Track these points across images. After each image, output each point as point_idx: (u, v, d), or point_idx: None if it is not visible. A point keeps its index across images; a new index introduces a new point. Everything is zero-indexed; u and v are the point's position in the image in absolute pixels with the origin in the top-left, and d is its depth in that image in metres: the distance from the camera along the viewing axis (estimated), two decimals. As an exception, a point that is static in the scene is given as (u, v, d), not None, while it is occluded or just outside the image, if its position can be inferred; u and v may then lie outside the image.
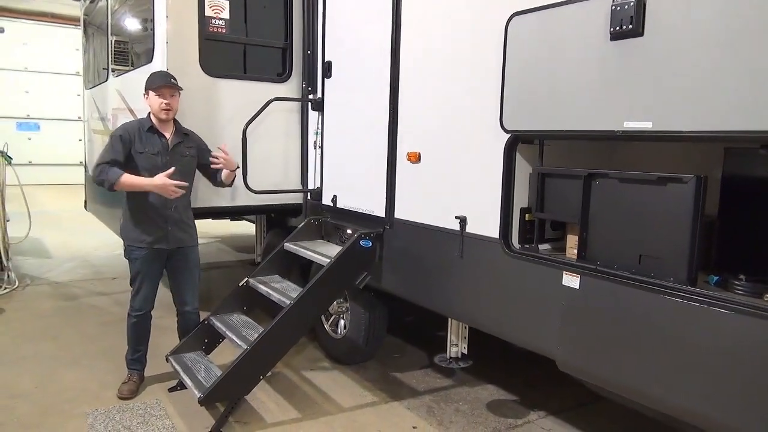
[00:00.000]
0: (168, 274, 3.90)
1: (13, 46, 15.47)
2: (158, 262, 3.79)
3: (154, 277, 3.82)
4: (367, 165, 4.03)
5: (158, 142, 3.70)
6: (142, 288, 3.78)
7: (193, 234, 3.93)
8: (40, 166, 15.16)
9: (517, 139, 2.93)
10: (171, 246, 3.77)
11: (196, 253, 3.97)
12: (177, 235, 3.78)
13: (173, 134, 3.77)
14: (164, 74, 3.81)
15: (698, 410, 2.25)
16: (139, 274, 3.76)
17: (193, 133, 3.93)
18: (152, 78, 3.75)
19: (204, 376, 3.59)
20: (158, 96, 3.66)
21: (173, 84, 3.72)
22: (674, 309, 2.28)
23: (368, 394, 3.98)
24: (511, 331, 3.07)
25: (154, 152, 3.67)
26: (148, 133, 3.68)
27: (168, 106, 3.68)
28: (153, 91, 3.67)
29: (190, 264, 3.90)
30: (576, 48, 2.57)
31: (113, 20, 5.90)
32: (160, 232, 3.72)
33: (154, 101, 3.67)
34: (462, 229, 3.25)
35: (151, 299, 3.85)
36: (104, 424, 3.43)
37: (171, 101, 3.70)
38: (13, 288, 6.20)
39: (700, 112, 2.15)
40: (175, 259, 3.84)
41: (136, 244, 3.72)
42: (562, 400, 3.93)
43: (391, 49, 3.73)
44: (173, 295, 3.97)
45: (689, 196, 2.27)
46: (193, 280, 3.95)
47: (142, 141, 3.66)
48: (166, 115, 3.70)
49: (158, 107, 3.66)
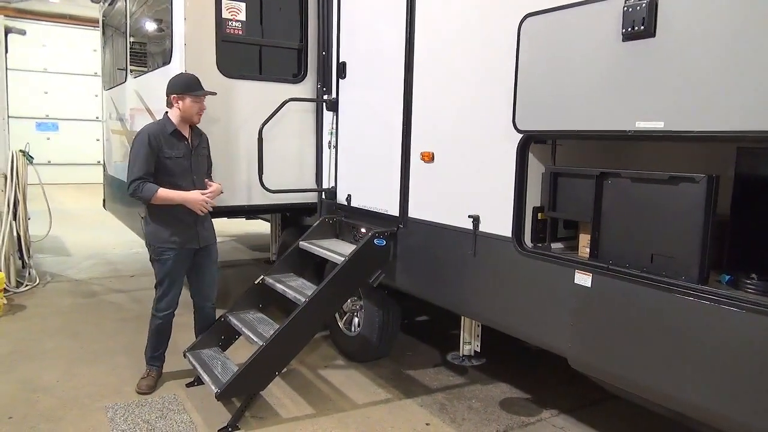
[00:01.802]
0: (189, 272, 3.95)
1: (32, 47, 15.68)
2: (188, 261, 3.85)
3: (180, 278, 3.88)
4: (381, 164, 4.07)
5: (183, 146, 3.74)
6: (171, 289, 3.83)
7: (213, 231, 4.01)
8: (59, 166, 15.36)
9: (529, 138, 2.95)
10: (201, 245, 3.84)
11: (216, 249, 4.05)
12: (203, 233, 3.85)
13: (191, 135, 3.83)
14: (198, 80, 3.81)
15: (709, 408, 2.26)
16: (168, 275, 3.79)
17: (204, 133, 3.99)
18: (187, 83, 3.74)
19: (220, 372, 3.65)
20: (196, 102, 3.72)
21: (209, 92, 3.81)
22: (686, 307, 2.29)
23: (382, 391, 4.02)
24: (524, 328, 3.10)
25: (180, 156, 3.71)
26: (172, 136, 3.71)
27: (201, 113, 3.80)
28: (190, 96, 3.69)
29: (212, 260, 3.98)
30: (588, 49, 2.58)
31: (131, 22, 5.99)
32: (190, 231, 3.77)
33: (190, 106, 3.70)
34: (475, 228, 3.28)
35: (176, 300, 3.91)
36: (123, 418, 3.51)
37: (204, 106, 3.81)
38: (34, 285, 6.32)
39: (712, 112, 2.16)
40: (200, 256, 3.90)
41: (168, 246, 3.73)
42: (575, 399, 3.94)
43: (405, 49, 3.77)
44: (193, 291, 4.03)
45: (701, 196, 2.29)
46: (214, 277, 4.02)
47: (168, 145, 3.67)
48: (198, 120, 3.80)
49: (195, 112, 3.74)
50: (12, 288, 6.02)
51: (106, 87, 7.40)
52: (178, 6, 4.36)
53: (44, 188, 6.58)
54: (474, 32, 3.27)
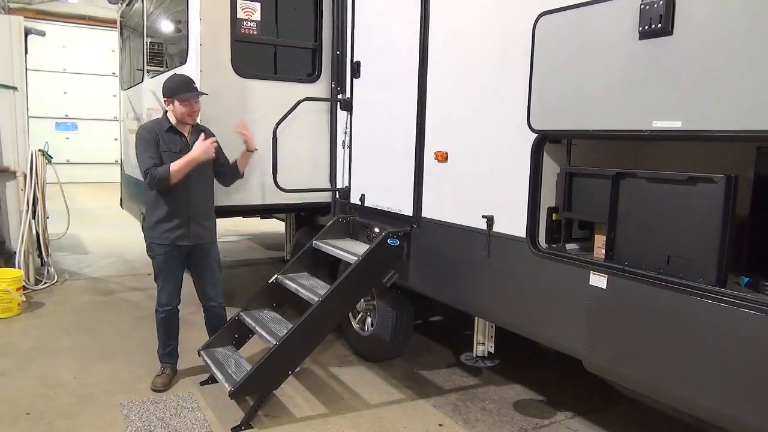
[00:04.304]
0: (190, 271, 3.98)
1: (52, 48, 15.93)
2: (179, 258, 3.87)
3: (176, 273, 3.90)
4: (394, 164, 4.07)
5: (179, 141, 3.77)
6: (166, 284, 3.87)
7: (213, 230, 3.99)
8: (78, 165, 15.58)
9: (544, 138, 2.93)
10: (192, 242, 3.84)
11: (216, 249, 4.04)
12: (197, 231, 3.84)
13: (191, 132, 3.84)
14: (188, 81, 3.78)
15: (726, 412, 2.22)
16: (162, 270, 3.85)
17: (208, 129, 3.97)
18: (176, 86, 3.73)
19: (234, 370, 3.67)
20: (185, 105, 3.71)
21: (200, 93, 3.79)
22: (703, 310, 2.26)
23: (395, 391, 4.02)
24: (538, 330, 3.07)
25: (176, 150, 3.72)
26: (168, 132, 3.75)
27: (195, 115, 3.78)
28: (179, 100, 3.69)
29: (211, 260, 3.98)
30: (604, 47, 2.56)
31: (148, 23, 6.05)
32: (181, 228, 3.78)
33: (179, 109, 3.71)
34: (489, 228, 3.26)
35: (176, 295, 3.94)
36: (138, 415, 3.54)
37: (196, 107, 3.78)
38: (53, 283, 6.40)
39: (731, 111, 2.12)
40: (196, 256, 3.92)
41: (158, 241, 3.80)
42: (589, 401, 3.90)
43: (419, 49, 3.76)
44: (197, 291, 4.06)
45: (720, 196, 2.24)
46: (215, 276, 4.02)
47: (164, 140, 3.72)
48: (192, 120, 3.80)
49: (187, 113, 3.73)
50: (31, 285, 6.11)
51: (124, 87, 7.47)
52: (194, 6, 4.39)
53: (63, 187, 6.66)
54: (488, 31, 3.25)
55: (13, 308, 5.30)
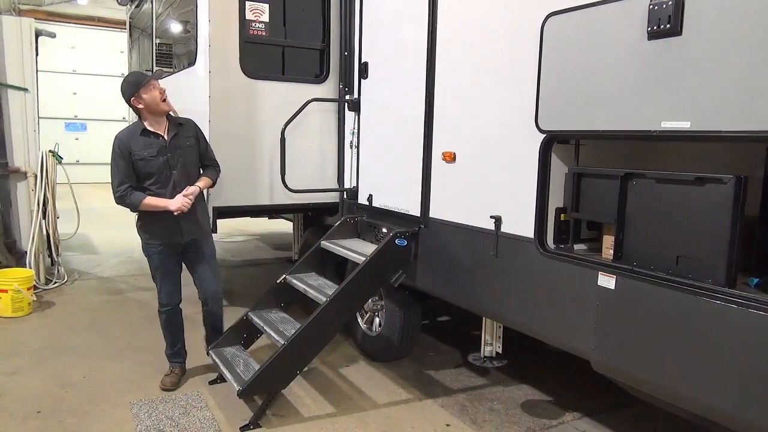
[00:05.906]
0: (187, 268, 3.98)
1: (62, 49, 16.03)
2: (174, 256, 3.87)
3: (173, 272, 3.90)
4: (402, 164, 4.07)
5: (155, 143, 3.68)
6: (164, 283, 3.89)
7: (206, 226, 3.98)
8: (88, 165, 15.64)
9: (552, 139, 2.92)
10: (185, 239, 3.83)
11: (211, 244, 4.02)
12: (189, 228, 3.82)
13: (167, 129, 3.75)
14: (138, 74, 3.78)
15: (735, 413, 2.21)
16: (158, 270, 3.86)
17: (188, 122, 3.89)
18: (135, 80, 3.66)
19: (243, 370, 3.69)
20: (150, 92, 3.61)
21: (153, 75, 3.74)
22: (712, 311, 2.25)
23: (402, 391, 4.02)
24: (546, 330, 3.07)
25: (154, 154, 3.65)
26: (143, 136, 3.66)
27: (165, 98, 3.68)
28: (143, 89, 3.59)
29: (206, 256, 3.96)
30: (612, 48, 2.55)
31: (157, 24, 6.08)
32: (173, 227, 3.76)
33: (148, 100, 3.61)
34: (497, 228, 3.26)
35: (176, 293, 3.94)
36: (148, 414, 3.57)
37: (160, 89, 3.67)
38: (63, 282, 6.45)
39: (740, 111, 2.12)
40: (190, 252, 3.91)
41: (152, 241, 3.80)
42: (597, 402, 3.89)
43: (427, 49, 3.76)
44: (196, 287, 4.04)
45: (729, 197, 2.23)
46: (212, 270, 3.99)
47: (140, 146, 3.63)
48: (166, 106, 3.69)
49: (158, 100, 3.63)
50: (41, 285, 6.16)
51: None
52: (203, 8, 4.42)
53: (72, 187, 6.71)
54: (496, 31, 3.25)
55: (24, 308, 5.35)
